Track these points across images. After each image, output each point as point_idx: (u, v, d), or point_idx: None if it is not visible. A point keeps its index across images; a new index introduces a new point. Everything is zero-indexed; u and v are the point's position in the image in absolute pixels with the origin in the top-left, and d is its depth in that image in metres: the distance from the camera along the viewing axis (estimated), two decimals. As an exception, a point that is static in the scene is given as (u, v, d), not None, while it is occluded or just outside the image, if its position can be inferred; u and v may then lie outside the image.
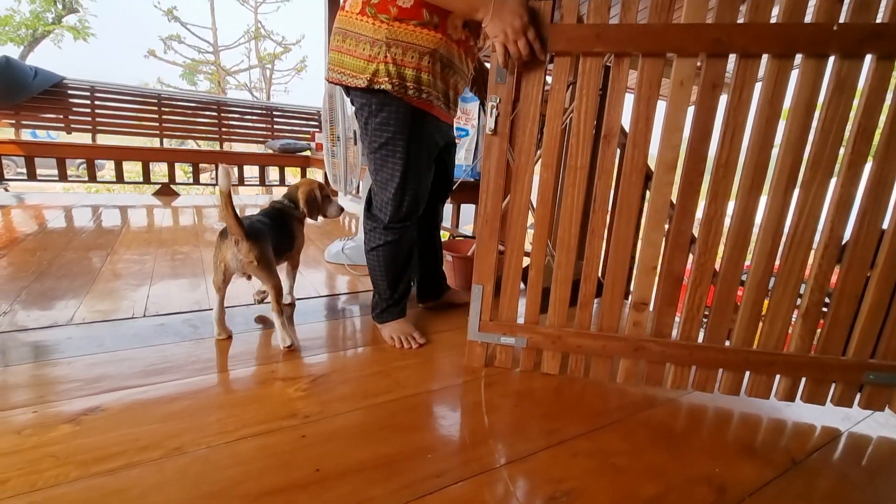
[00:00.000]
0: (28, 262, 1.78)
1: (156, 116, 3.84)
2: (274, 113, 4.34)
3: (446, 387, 1.09)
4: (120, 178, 3.70)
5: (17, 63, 3.28)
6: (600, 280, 1.09)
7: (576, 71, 1.01)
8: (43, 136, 5.77)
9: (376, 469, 0.79)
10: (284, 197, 1.45)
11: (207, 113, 4.08)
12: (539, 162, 1.08)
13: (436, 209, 1.46)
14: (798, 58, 0.91)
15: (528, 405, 1.04)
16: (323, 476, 0.77)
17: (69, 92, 3.53)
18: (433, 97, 1.13)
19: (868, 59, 0.88)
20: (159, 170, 3.98)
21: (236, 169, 4.31)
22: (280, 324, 1.21)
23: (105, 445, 0.81)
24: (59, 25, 9.16)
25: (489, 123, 1.04)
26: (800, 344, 1.04)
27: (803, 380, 1.05)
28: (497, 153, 1.06)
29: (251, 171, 4.40)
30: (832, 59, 0.89)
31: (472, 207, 2.31)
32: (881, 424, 1.05)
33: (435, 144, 1.24)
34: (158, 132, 3.88)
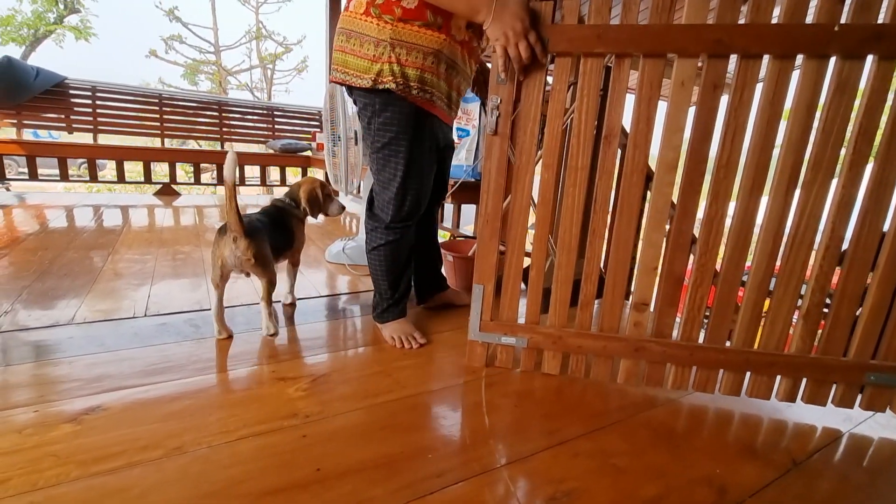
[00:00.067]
0: (29, 262, 1.78)
1: (157, 116, 3.84)
2: (275, 113, 4.35)
3: (447, 387, 1.09)
4: (121, 178, 3.71)
5: (19, 63, 3.29)
6: (601, 277, 1.09)
7: (577, 71, 1.01)
8: (44, 136, 5.79)
9: (377, 469, 0.79)
10: (286, 196, 1.46)
11: (209, 113, 4.09)
12: (540, 162, 1.08)
13: (431, 210, 1.46)
14: (799, 58, 0.91)
15: (529, 405, 1.04)
16: (323, 476, 0.77)
17: (71, 92, 3.53)
18: (436, 97, 1.13)
19: (869, 60, 0.88)
20: (160, 170, 3.98)
21: (237, 169, 4.31)
22: (266, 314, 1.27)
23: (106, 445, 0.81)
24: (61, 25, 9.18)
25: (490, 124, 1.04)
26: (801, 345, 1.04)
27: (804, 380, 1.05)
28: (498, 153, 1.06)
29: (252, 171, 4.41)
30: (833, 60, 0.89)
31: (473, 208, 2.30)
32: (882, 425, 1.05)
33: (437, 145, 1.25)
34: (160, 132, 3.89)
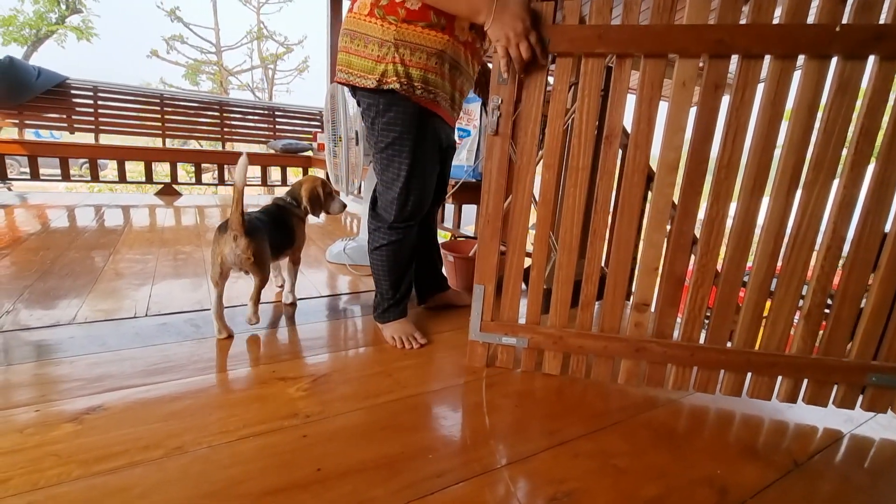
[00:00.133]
0: (31, 262, 1.79)
1: (158, 116, 3.85)
2: (276, 113, 4.35)
3: (447, 387, 1.09)
4: (122, 178, 3.71)
5: (21, 63, 3.29)
6: (602, 278, 1.08)
7: (578, 72, 1.01)
8: (46, 136, 5.80)
9: (377, 469, 0.79)
10: (287, 194, 1.48)
11: (210, 113, 4.09)
12: (541, 162, 1.08)
13: (431, 211, 1.46)
14: (800, 59, 0.91)
15: (530, 406, 1.04)
16: (324, 476, 0.77)
17: (72, 92, 3.54)
18: (440, 98, 1.14)
19: (871, 61, 0.88)
20: (162, 170, 3.99)
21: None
22: (252, 311, 1.29)
23: (107, 444, 0.81)
24: (63, 26, 9.19)
25: (491, 124, 1.04)
26: (802, 345, 1.03)
27: (805, 381, 1.05)
28: (499, 154, 1.06)
29: (253, 172, 4.41)
30: (835, 60, 0.89)
31: (474, 208, 2.30)
32: (884, 426, 1.04)
33: (440, 146, 1.25)
34: (161, 132, 3.89)
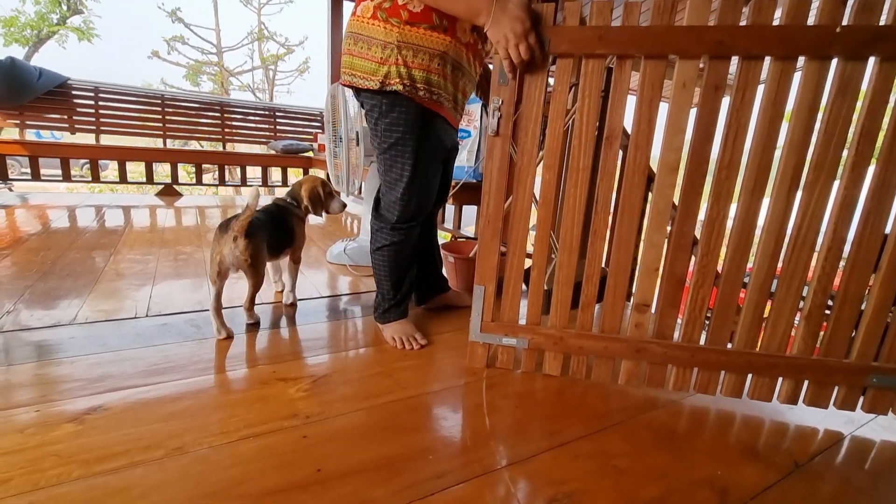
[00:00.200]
0: (32, 262, 1.79)
1: (159, 117, 3.85)
2: (277, 114, 4.35)
3: (448, 388, 1.09)
4: (123, 179, 3.71)
5: (22, 64, 3.30)
6: (603, 278, 1.08)
7: (578, 73, 1.01)
8: (47, 137, 5.81)
9: (377, 470, 0.79)
10: (287, 194, 1.49)
11: (210, 114, 4.09)
12: (541, 163, 1.08)
13: (433, 212, 1.47)
14: (801, 60, 0.91)
15: (530, 406, 1.04)
16: (324, 477, 0.77)
17: (73, 92, 3.54)
18: (443, 99, 1.14)
19: (871, 62, 0.88)
20: (162, 170, 4.00)
21: (239, 169, 4.33)
22: (248, 317, 1.35)
23: (107, 445, 0.81)
24: (64, 26, 9.21)
25: (492, 125, 1.04)
26: (802, 346, 1.03)
27: (806, 382, 1.05)
28: (500, 154, 1.06)
29: (254, 172, 4.41)
30: (835, 62, 0.89)
31: (474, 209, 2.30)
32: (884, 428, 1.04)
33: (443, 146, 1.25)
34: (162, 133, 3.90)
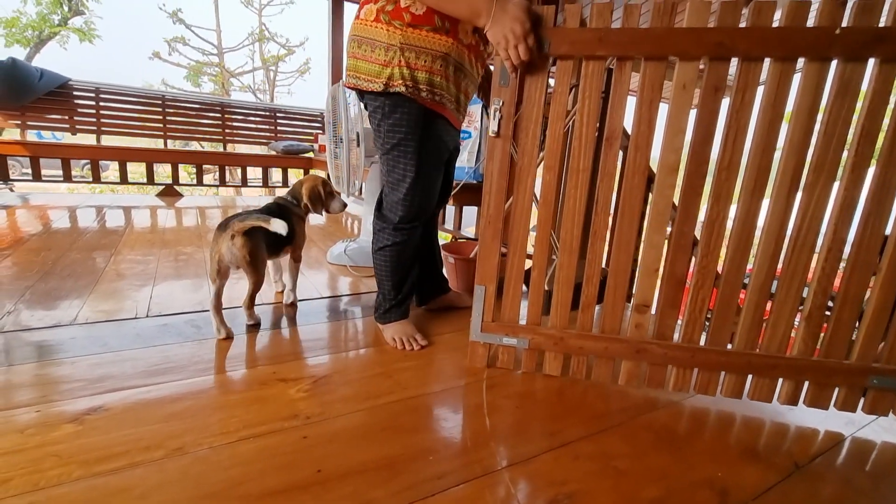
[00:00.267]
0: (32, 262, 1.79)
1: (160, 118, 3.86)
2: (277, 115, 4.36)
3: (448, 388, 1.09)
4: (124, 179, 3.71)
5: (23, 64, 3.31)
6: (603, 279, 1.08)
7: (578, 74, 1.01)
8: (48, 137, 5.82)
9: (378, 470, 0.79)
10: (288, 193, 1.51)
11: (211, 114, 4.10)
12: (542, 164, 1.08)
13: (434, 213, 1.47)
14: (800, 61, 0.91)
15: (530, 407, 1.04)
16: (324, 477, 0.77)
17: (74, 93, 3.55)
18: (445, 100, 1.15)
19: (871, 63, 0.88)
20: (163, 171, 4.01)
21: (239, 170, 4.33)
22: (248, 316, 1.35)
23: (108, 445, 0.81)
24: (65, 27, 9.22)
25: (492, 126, 1.04)
26: (803, 347, 1.03)
27: (806, 383, 1.05)
28: (500, 155, 1.06)
29: (254, 173, 4.42)
30: (835, 63, 0.89)
31: (475, 210, 2.30)
32: (885, 429, 1.04)
33: (445, 147, 1.26)
34: (162, 133, 3.90)
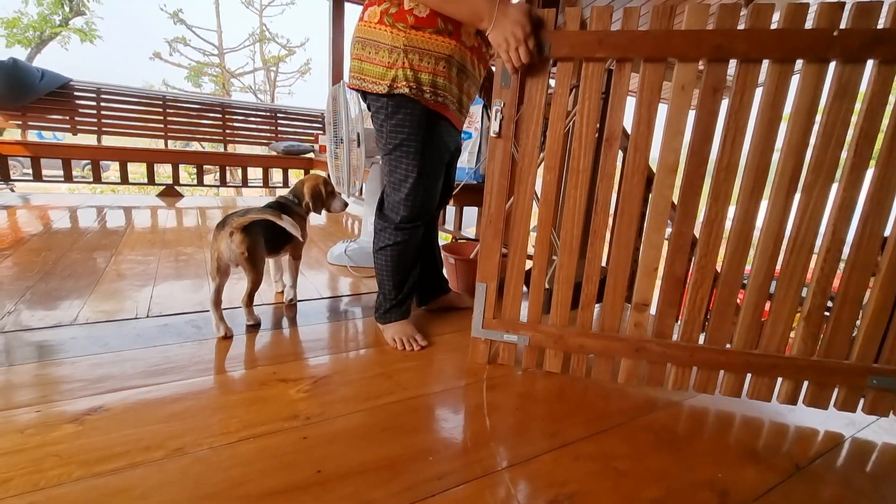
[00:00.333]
0: (33, 262, 1.79)
1: (160, 118, 3.86)
2: (278, 115, 4.37)
3: (448, 389, 1.09)
4: (124, 180, 3.72)
5: (25, 65, 3.31)
6: (602, 278, 1.09)
7: (579, 75, 1.01)
8: (49, 138, 5.82)
9: (378, 471, 0.79)
10: (289, 192, 1.52)
11: (212, 115, 4.10)
12: (542, 164, 1.09)
13: (434, 213, 1.47)
14: (799, 63, 0.91)
15: (530, 407, 1.04)
16: (324, 478, 0.77)
17: (75, 93, 3.56)
18: (448, 101, 1.16)
19: (870, 65, 0.88)
20: (164, 171, 4.01)
21: (240, 171, 4.33)
22: (247, 315, 1.35)
23: (108, 445, 0.81)
24: (66, 28, 9.23)
25: (494, 126, 1.05)
26: (802, 347, 1.03)
27: (805, 383, 1.05)
28: (501, 156, 1.07)
29: (255, 173, 4.42)
30: (833, 65, 0.89)
31: (475, 210, 2.31)
32: (886, 430, 1.04)
33: (447, 148, 1.26)
34: (163, 134, 3.91)
